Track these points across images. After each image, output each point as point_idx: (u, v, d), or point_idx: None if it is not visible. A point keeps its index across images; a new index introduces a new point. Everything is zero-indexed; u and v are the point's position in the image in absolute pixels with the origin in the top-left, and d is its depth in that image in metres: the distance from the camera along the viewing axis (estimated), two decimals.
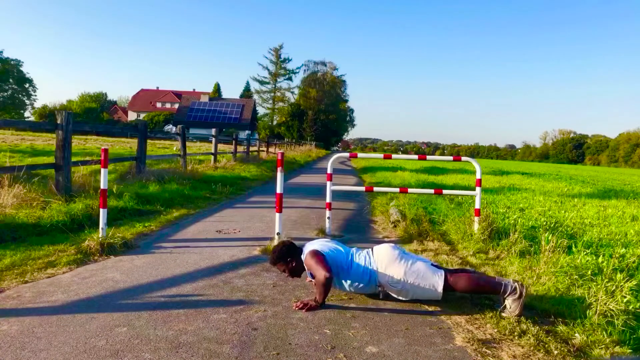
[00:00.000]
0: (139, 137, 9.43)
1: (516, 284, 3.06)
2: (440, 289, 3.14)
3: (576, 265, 3.95)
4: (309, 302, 3.16)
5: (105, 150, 4.67)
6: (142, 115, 77.29)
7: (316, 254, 3.27)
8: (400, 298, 3.29)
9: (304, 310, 3.08)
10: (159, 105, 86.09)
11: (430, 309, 3.27)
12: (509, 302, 3.05)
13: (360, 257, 3.36)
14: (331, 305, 3.22)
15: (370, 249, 3.43)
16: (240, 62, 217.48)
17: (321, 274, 3.12)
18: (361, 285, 3.31)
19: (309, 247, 3.42)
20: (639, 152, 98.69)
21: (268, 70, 75.87)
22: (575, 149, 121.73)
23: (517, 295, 3.02)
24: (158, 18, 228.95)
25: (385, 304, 3.32)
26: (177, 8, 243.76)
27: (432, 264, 3.29)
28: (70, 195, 6.15)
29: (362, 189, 7.42)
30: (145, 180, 8.44)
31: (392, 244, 3.44)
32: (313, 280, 3.68)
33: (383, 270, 3.24)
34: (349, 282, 3.32)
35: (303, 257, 3.38)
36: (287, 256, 3.44)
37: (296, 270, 3.46)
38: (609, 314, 2.88)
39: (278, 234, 4.77)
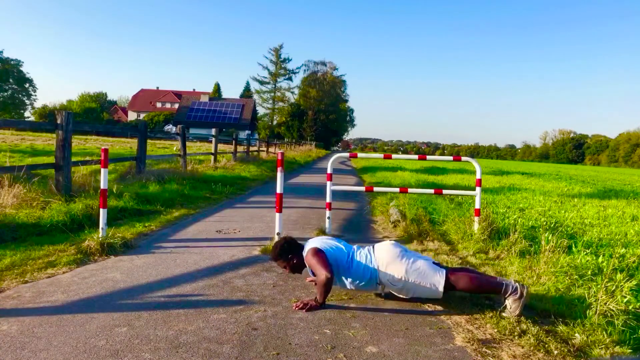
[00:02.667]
0: (139, 137, 9.43)
1: (517, 284, 3.05)
2: (441, 287, 3.14)
3: (576, 265, 3.95)
4: (309, 302, 3.15)
5: (105, 150, 4.67)
6: (142, 115, 77.30)
7: (317, 252, 3.27)
8: (402, 296, 3.29)
9: (304, 310, 3.08)
10: (159, 105, 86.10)
11: (430, 308, 3.27)
12: (509, 302, 3.05)
13: (362, 254, 3.35)
14: (331, 305, 3.22)
15: (371, 247, 3.42)
16: (240, 62, 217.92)
17: (322, 273, 3.12)
18: (362, 283, 3.30)
19: (310, 244, 3.42)
20: (639, 152, 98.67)
21: (268, 70, 75.88)
22: (575, 149, 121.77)
23: (517, 296, 3.02)
24: (158, 18, 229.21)
25: (385, 304, 3.32)
26: (177, 8, 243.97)
27: (433, 263, 3.28)
28: (70, 195, 6.15)
29: (362, 188, 7.42)
30: (145, 180, 8.44)
31: (394, 242, 3.43)
32: (314, 279, 3.68)
33: (384, 269, 3.23)
34: (350, 279, 3.32)
35: (304, 253, 3.38)
36: (288, 253, 3.44)
37: (297, 267, 3.46)
38: (609, 314, 2.88)
39: (278, 233, 4.77)
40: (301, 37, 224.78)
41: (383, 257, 3.27)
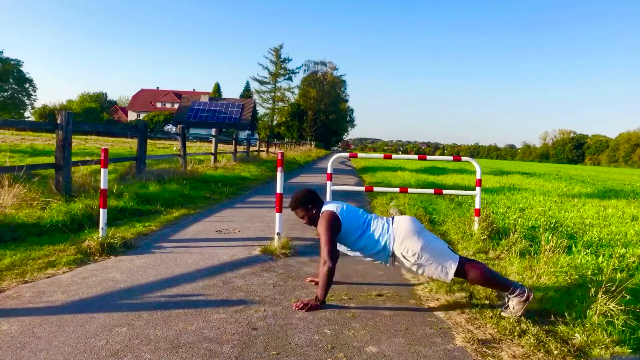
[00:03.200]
0: (139, 137, 9.43)
1: (525, 287, 3.05)
2: (452, 272, 3.11)
3: (576, 265, 3.95)
4: (309, 301, 3.15)
5: (105, 150, 4.67)
6: (142, 115, 77.30)
7: (331, 219, 3.23)
8: (413, 270, 3.24)
9: (304, 310, 3.08)
10: (159, 105, 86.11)
11: (431, 306, 3.27)
12: (513, 302, 3.04)
13: (379, 223, 3.33)
14: (331, 305, 3.22)
15: (390, 218, 3.40)
16: (240, 62, 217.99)
17: (324, 258, 3.12)
18: (374, 251, 3.28)
19: (328, 206, 3.39)
20: (639, 152, 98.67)
21: (268, 70, 75.90)
22: (575, 149, 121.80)
23: (524, 298, 3.01)
24: (158, 18, 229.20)
25: (385, 304, 3.32)
26: (177, 8, 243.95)
27: (448, 247, 3.28)
28: (70, 195, 6.15)
29: (362, 188, 7.42)
30: (145, 180, 8.44)
31: (414, 217, 3.41)
32: (314, 279, 3.69)
33: (400, 241, 3.20)
34: (360, 245, 3.30)
35: (321, 211, 3.36)
36: (308, 202, 3.43)
37: (315, 219, 3.43)
38: (609, 314, 2.88)
39: (278, 233, 4.77)
40: (301, 37, 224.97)
41: (402, 229, 3.24)
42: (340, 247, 3.41)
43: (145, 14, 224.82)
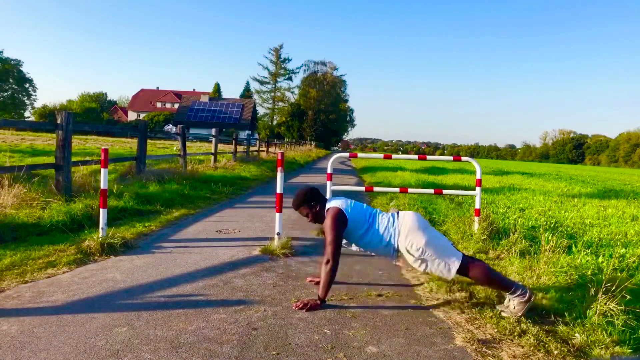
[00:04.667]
0: (139, 137, 9.43)
1: (527, 288, 3.05)
2: (454, 269, 3.11)
3: (576, 265, 3.95)
4: (309, 301, 3.15)
5: (105, 150, 4.67)
6: (142, 115, 77.29)
7: (337, 217, 3.21)
8: (416, 266, 3.23)
9: (304, 310, 3.08)
10: (159, 105, 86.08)
11: (431, 305, 3.27)
12: (514, 302, 3.04)
13: (384, 218, 3.34)
14: (331, 305, 3.22)
15: (395, 212, 3.40)
16: (241, 62, 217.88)
17: (328, 256, 3.11)
18: (381, 246, 3.27)
19: (333, 202, 3.37)
20: (639, 152, 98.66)
21: (268, 70, 75.98)
22: (575, 149, 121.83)
23: (525, 299, 3.01)
24: (158, 18, 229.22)
25: (385, 304, 3.32)
26: (177, 8, 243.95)
27: (452, 244, 3.28)
28: (70, 195, 6.15)
29: (362, 188, 7.41)
30: (145, 180, 8.44)
31: (419, 213, 3.41)
32: (314, 279, 3.68)
33: (405, 236, 3.20)
34: (366, 240, 3.29)
35: (327, 207, 3.34)
36: (311, 200, 3.41)
37: (319, 216, 3.42)
38: (609, 314, 2.88)
39: (278, 233, 4.77)
40: (301, 37, 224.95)
41: (407, 223, 3.23)
42: (344, 242, 3.40)
43: (145, 14, 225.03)
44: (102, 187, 4.59)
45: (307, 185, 3.60)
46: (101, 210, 4.55)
